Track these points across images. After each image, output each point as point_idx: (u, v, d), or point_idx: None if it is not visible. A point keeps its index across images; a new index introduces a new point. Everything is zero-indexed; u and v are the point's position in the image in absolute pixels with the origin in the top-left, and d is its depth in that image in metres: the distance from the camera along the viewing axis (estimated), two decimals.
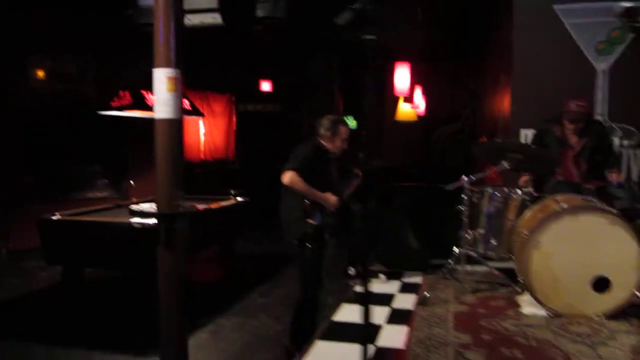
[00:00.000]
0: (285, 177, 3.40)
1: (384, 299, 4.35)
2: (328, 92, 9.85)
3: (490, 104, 8.10)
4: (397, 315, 3.97)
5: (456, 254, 4.42)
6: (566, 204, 3.86)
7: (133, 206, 5.16)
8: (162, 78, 2.39)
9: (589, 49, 5.48)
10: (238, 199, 6.08)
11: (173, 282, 2.49)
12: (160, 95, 2.40)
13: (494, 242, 4.46)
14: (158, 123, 2.41)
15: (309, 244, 3.49)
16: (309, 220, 3.49)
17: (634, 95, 5.33)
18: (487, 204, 4.48)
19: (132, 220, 4.56)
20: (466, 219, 4.36)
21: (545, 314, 3.77)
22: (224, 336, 4.01)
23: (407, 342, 3.40)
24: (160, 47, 2.38)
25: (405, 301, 4.29)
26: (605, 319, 3.66)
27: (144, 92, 5.54)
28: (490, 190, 4.50)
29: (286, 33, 7.05)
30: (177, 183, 2.46)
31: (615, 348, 3.22)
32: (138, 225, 4.41)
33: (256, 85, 10.24)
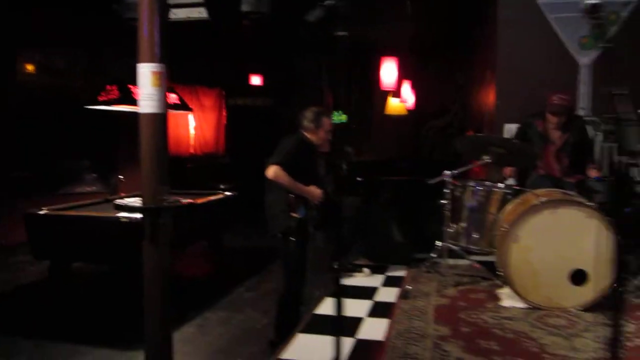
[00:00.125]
0: (270, 172, 3.43)
1: (367, 292, 4.41)
2: (318, 87, 9.86)
3: (478, 98, 8.15)
4: (380, 308, 4.02)
5: (439, 247, 4.47)
6: (545, 198, 3.93)
7: (118, 200, 5.18)
8: (147, 73, 2.40)
9: (572, 44, 5.52)
10: (226, 194, 6.11)
11: (157, 276, 2.51)
12: (145, 89, 2.41)
13: (476, 236, 4.51)
14: (143, 117, 2.43)
15: (292, 237, 3.53)
16: (293, 214, 3.52)
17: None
18: (470, 198, 4.53)
19: (120, 215, 4.59)
20: (448, 213, 4.41)
21: (525, 306, 3.85)
22: (211, 330, 4.05)
23: (387, 335, 3.45)
24: (144, 42, 2.39)
25: (389, 294, 4.35)
26: (582, 311, 3.74)
27: (130, 87, 5.54)
28: (473, 184, 4.55)
29: (274, 28, 7.06)
30: (162, 177, 2.47)
31: (590, 340, 3.30)
32: (125, 220, 4.44)
33: (246, 80, 10.25)
